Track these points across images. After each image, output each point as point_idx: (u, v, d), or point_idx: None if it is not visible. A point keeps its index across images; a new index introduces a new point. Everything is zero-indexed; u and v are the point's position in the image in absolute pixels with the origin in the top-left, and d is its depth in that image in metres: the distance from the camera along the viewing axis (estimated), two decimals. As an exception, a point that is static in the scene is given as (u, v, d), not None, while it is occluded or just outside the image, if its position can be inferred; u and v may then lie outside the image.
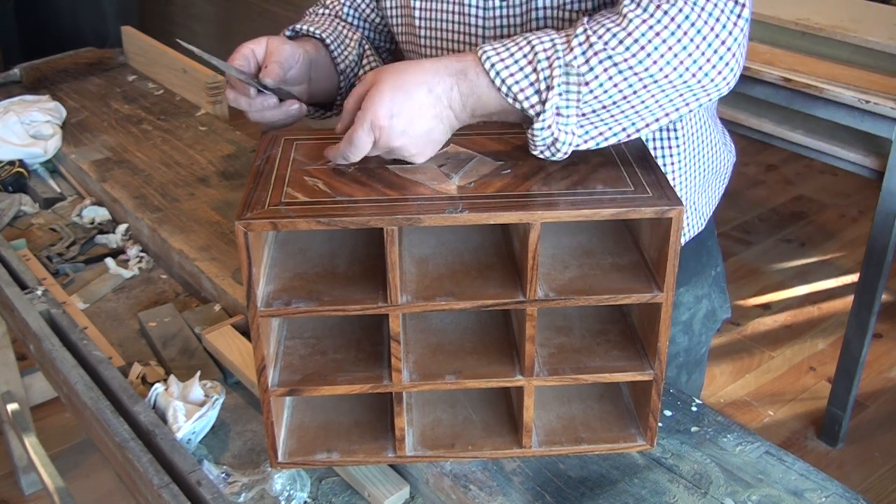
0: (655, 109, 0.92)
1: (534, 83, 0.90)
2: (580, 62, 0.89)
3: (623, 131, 0.93)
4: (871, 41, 2.14)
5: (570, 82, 0.89)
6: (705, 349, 1.37)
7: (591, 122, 0.91)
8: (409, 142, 0.92)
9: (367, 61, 1.26)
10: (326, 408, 1.02)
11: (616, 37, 0.88)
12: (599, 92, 0.89)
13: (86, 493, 2.12)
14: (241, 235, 0.83)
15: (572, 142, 0.92)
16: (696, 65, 0.89)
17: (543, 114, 0.90)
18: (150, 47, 2.13)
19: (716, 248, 1.33)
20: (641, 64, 0.88)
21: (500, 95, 0.91)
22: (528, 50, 0.91)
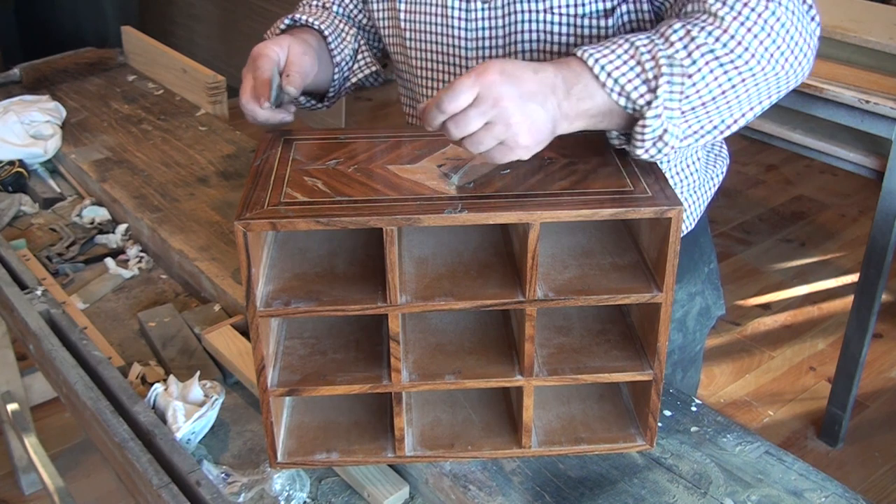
0: (745, 104, 0.96)
1: (640, 74, 0.91)
2: (682, 55, 0.91)
3: (715, 129, 0.95)
4: (871, 41, 2.14)
5: (674, 73, 0.91)
6: (700, 346, 1.37)
7: (688, 119, 0.93)
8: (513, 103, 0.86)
9: (362, 56, 1.28)
10: (326, 408, 1.02)
11: (712, 34, 0.91)
12: (702, 86, 0.91)
13: (86, 493, 2.12)
14: (241, 235, 0.83)
15: (678, 135, 0.93)
16: (783, 56, 0.94)
17: (655, 101, 0.90)
18: (150, 47, 2.13)
19: (709, 245, 1.33)
20: (741, 58, 0.91)
21: (605, 92, 0.92)
22: (628, 46, 0.92)
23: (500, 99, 0.86)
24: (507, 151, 0.88)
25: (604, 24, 1.06)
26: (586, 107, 0.92)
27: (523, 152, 0.89)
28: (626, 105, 0.92)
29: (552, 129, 0.90)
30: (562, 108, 0.91)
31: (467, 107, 0.86)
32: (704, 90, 0.92)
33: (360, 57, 1.28)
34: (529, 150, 0.89)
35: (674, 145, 0.93)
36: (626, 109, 0.93)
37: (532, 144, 0.89)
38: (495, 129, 0.86)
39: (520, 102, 0.87)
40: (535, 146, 0.89)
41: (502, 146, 0.88)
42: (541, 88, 0.90)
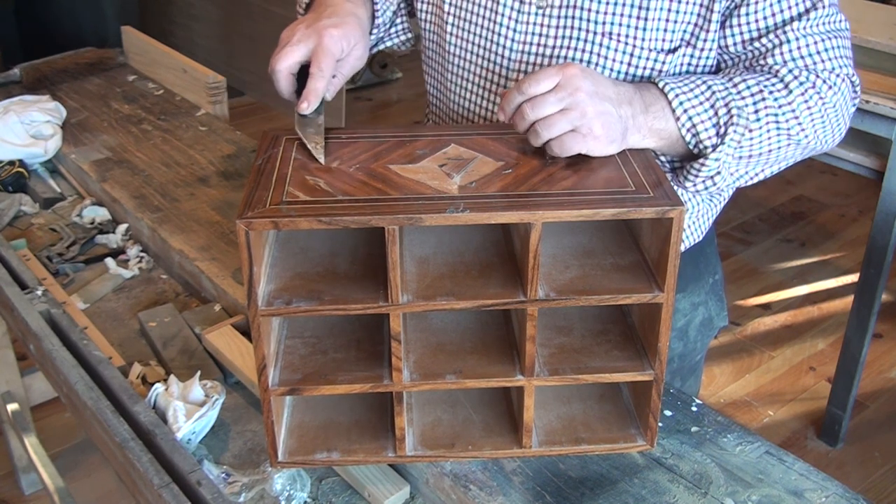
0: (782, 163, 1.08)
1: (712, 118, 1.00)
2: (750, 111, 1.00)
3: (748, 176, 1.07)
4: (871, 41, 2.14)
5: (740, 124, 1.00)
6: (701, 356, 1.36)
7: (737, 166, 1.04)
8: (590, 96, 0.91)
9: (400, 19, 1.25)
10: (326, 407, 1.02)
11: (778, 101, 1.02)
12: (756, 142, 1.02)
13: (86, 493, 2.12)
14: (242, 234, 0.83)
15: (726, 177, 1.03)
16: (826, 136, 1.07)
17: (721, 146, 1.00)
18: (150, 47, 2.13)
19: (715, 256, 1.32)
20: (794, 128, 1.03)
21: (677, 126, 1.00)
22: (705, 88, 1.00)
23: (579, 89, 0.91)
24: (578, 139, 0.91)
25: (662, 59, 1.07)
26: (659, 127, 0.99)
27: (594, 144, 0.92)
28: (691, 142, 1.01)
29: (624, 133, 0.95)
30: (636, 120, 0.97)
31: (546, 92, 0.91)
32: (757, 146, 1.02)
33: (399, 20, 1.26)
34: (600, 144, 0.92)
35: (720, 185, 1.03)
36: (688, 145, 1.01)
37: (603, 137, 0.92)
38: (570, 114, 0.91)
39: (596, 98, 0.92)
40: (607, 142, 0.93)
41: (574, 134, 0.91)
42: (618, 95, 0.95)
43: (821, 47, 1.04)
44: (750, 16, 1.04)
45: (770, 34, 1.04)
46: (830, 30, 1.05)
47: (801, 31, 1.03)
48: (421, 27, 1.23)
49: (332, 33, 1.01)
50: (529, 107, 0.92)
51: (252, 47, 4.05)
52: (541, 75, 0.92)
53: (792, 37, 1.03)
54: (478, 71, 1.16)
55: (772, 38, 1.04)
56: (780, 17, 1.03)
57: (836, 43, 1.05)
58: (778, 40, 1.04)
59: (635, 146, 0.98)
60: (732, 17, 1.05)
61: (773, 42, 1.04)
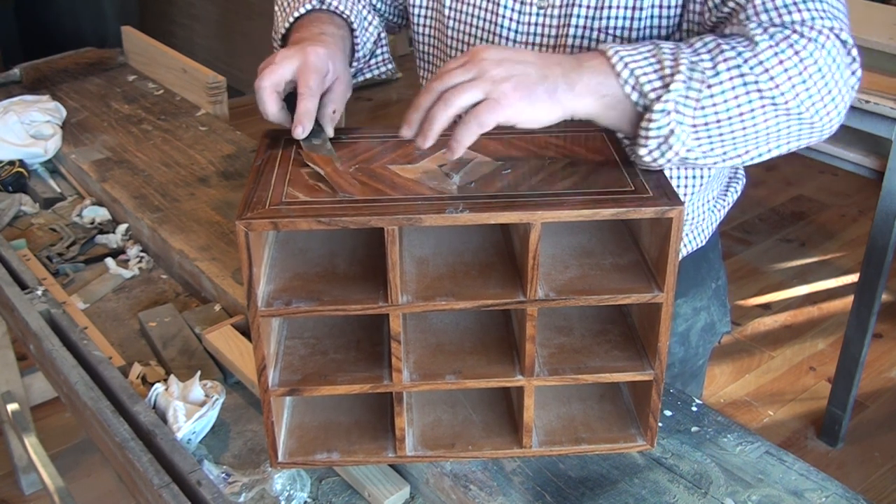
0: (762, 139, 0.92)
1: (657, 70, 0.88)
2: (707, 65, 0.88)
3: (724, 154, 0.92)
4: (871, 41, 2.14)
5: (693, 77, 0.88)
6: (703, 361, 1.35)
7: (700, 137, 0.89)
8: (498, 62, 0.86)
9: (381, 50, 1.23)
10: (326, 408, 1.02)
11: (742, 55, 0.89)
12: (720, 100, 0.88)
13: (86, 492, 2.12)
14: (242, 235, 0.83)
15: (685, 142, 0.89)
16: (811, 100, 0.90)
17: (666, 95, 0.87)
18: (150, 47, 2.13)
19: (718, 262, 1.32)
20: (765, 84, 0.88)
21: (619, 83, 0.89)
22: (652, 46, 0.90)
23: (485, 59, 0.86)
24: (493, 107, 0.85)
25: None
26: (598, 81, 0.89)
27: (512, 111, 0.85)
28: (637, 100, 0.89)
29: (552, 92, 0.87)
30: (568, 77, 0.88)
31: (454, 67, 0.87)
32: (722, 106, 0.88)
33: (380, 51, 1.22)
34: (520, 107, 0.86)
35: (679, 152, 0.89)
36: (637, 106, 0.90)
37: (522, 99, 0.85)
38: (479, 82, 0.86)
39: (506, 62, 0.86)
40: (528, 103, 0.86)
41: (487, 102, 0.85)
42: (539, 58, 0.88)
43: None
44: None
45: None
46: None
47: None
48: (416, 31, 1.23)
49: (317, 51, 0.99)
50: (438, 81, 0.87)
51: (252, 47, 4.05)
52: (450, 61, 0.89)
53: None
54: None
55: None
56: None
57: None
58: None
59: (574, 109, 0.89)
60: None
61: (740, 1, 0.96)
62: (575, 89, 0.88)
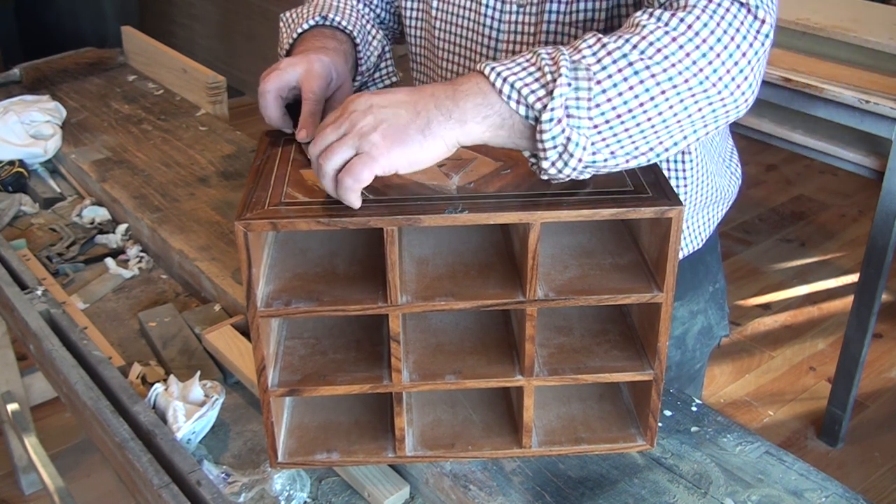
0: (673, 127, 0.85)
1: (539, 79, 0.83)
2: (591, 61, 0.83)
3: (636, 150, 0.85)
4: (871, 41, 2.14)
5: (578, 77, 0.82)
6: (700, 365, 1.35)
7: (604, 136, 0.83)
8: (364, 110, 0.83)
9: (385, 64, 1.24)
10: (326, 408, 1.02)
11: (629, 41, 0.83)
12: (613, 94, 0.82)
13: (86, 492, 2.13)
14: (241, 235, 0.83)
15: (586, 147, 0.83)
16: (715, 74, 0.84)
17: (552, 102, 0.81)
18: (150, 47, 2.13)
19: (716, 265, 1.31)
20: (659, 65, 0.82)
21: (503, 100, 0.83)
22: (531, 55, 0.85)
23: (354, 111, 0.84)
24: (365, 160, 0.81)
25: None
26: (476, 104, 0.84)
27: (385, 160, 0.82)
28: (527, 114, 0.83)
29: (424, 129, 0.83)
30: (442, 107, 0.84)
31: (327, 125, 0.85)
32: (618, 99, 0.82)
33: (384, 64, 1.23)
34: (392, 155, 0.82)
35: (582, 157, 0.83)
36: (527, 119, 0.84)
37: (392, 145, 0.82)
38: (347, 138, 0.83)
39: (374, 109, 0.83)
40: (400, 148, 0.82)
41: (360, 157, 0.82)
42: (410, 96, 0.84)
43: None
44: None
45: None
46: None
47: None
48: (409, 35, 1.24)
49: (321, 59, 1.01)
50: (313, 145, 0.85)
51: (252, 47, 4.05)
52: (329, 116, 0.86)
53: None
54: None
55: None
56: None
57: None
58: None
59: (458, 138, 0.84)
60: None
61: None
62: (452, 118, 0.84)
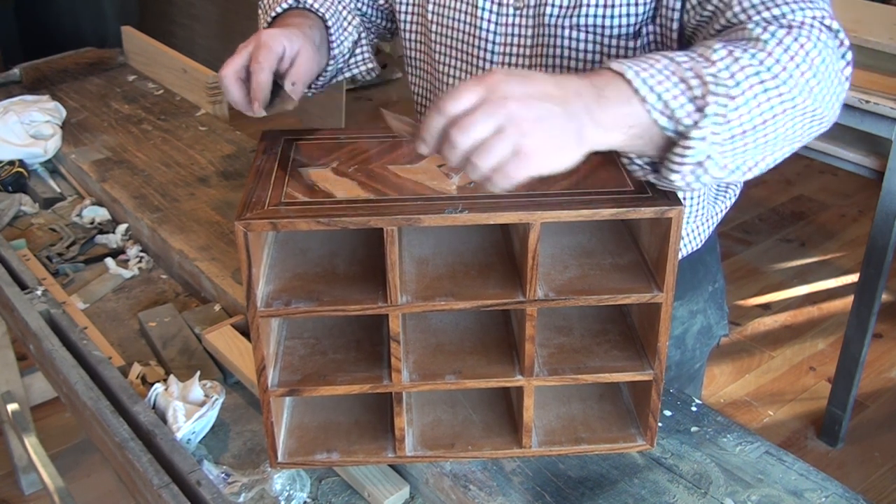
0: (782, 142, 0.87)
1: (685, 92, 0.81)
2: (725, 75, 0.82)
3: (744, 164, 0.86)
4: (871, 41, 2.14)
5: (719, 93, 0.81)
6: (700, 365, 1.35)
7: (725, 150, 0.83)
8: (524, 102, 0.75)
9: (360, 50, 1.23)
10: (326, 408, 1.02)
11: (756, 57, 0.84)
12: (744, 111, 0.82)
13: (86, 492, 2.12)
14: (241, 235, 0.83)
15: (719, 163, 0.83)
16: (821, 93, 0.87)
17: (703, 121, 0.80)
18: (150, 47, 2.13)
19: (715, 265, 1.31)
20: (785, 84, 0.84)
21: (646, 108, 0.80)
22: (668, 62, 0.83)
23: (508, 97, 0.75)
24: (522, 163, 0.75)
25: (630, 45, 1.05)
26: (622, 113, 0.80)
27: (543, 163, 0.76)
28: (668, 126, 0.82)
29: (579, 133, 0.78)
30: (592, 113, 0.78)
31: (471, 109, 0.75)
32: (746, 116, 0.82)
33: (359, 51, 1.23)
34: (550, 161, 0.76)
35: (714, 174, 0.84)
36: (664, 131, 0.82)
37: (552, 152, 0.76)
38: (506, 133, 0.74)
39: (531, 101, 0.75)
40: (558, 157, 0.77)
41: (517, 157, 0.75)
42: (559, 90, 0.78)
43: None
44: None
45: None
46: None
47: None
48: (404, 37, 1.24)
49: (269, 32, 1.01)
50: (457, 131, 0.75)
51: (252, 47, 4.05)
52: (461, 90, 0.76)
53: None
54: (464, 76, 1.17)
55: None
56: None
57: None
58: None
59: (599, 145, 0.80)
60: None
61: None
62: (600, 126, 0.79)
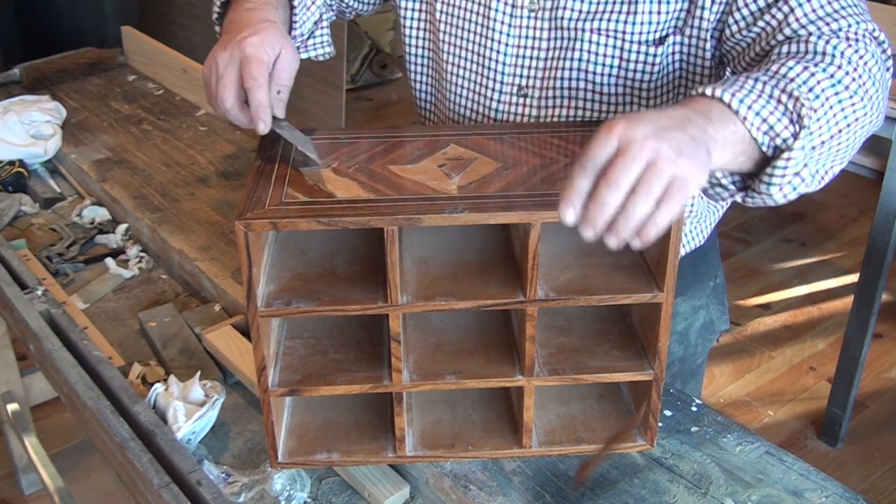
0: (845, 151, 0.93)
1: (778, 107, 0.85)
2: (804, 90, 0.87)
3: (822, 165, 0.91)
4: (871, 41, 2.14)
5: (806, 106, 0.86)
6: (702, 360, 1.36)
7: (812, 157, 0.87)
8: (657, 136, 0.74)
9: (320, 32, 1.19)
10: (326, 408, 1.02)
11: (827, 71, 0.89)
12: (823, 122, 0.87)
13: (86, 493, 2.12)
14: (242, 235, 0.83)
15: (812, 171, 0.87)
16: (879, 103, 0.93)
17: (805, 132, 0.85)
18: (150, 47, 2.13)
19: (716, 260, 1.32)
20: (857, 95, 0.89)
21: (745, 127, 0.84)
22: (753, 82, 0.87)
23: (645, 138, 0.74)
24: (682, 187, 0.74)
25: (652, 51, 1.05)
26: (730, 131, 0.84)
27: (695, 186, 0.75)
28: (765, 141, 0.85)
29: (707, 154, 0.79)
30: (707, 133, 0.81)
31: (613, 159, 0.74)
32: (825, 126, 0.87)
33: (319, 33, 1.18)
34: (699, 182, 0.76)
35: (808, 183, 0.87)
36: (761, 146, 0.85)
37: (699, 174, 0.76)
38: (658, 166, 0.73)
39: (664, 133, 0.75)
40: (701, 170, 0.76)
41: (673, 184, 0.74)
42: (672, 121, 0.79)
43: (829, 9, 0.95)
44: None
45: (772, 8, 0.97)
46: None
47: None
48: (406, 34, 1.22)
49: (251, 41, 0.95)
50: (606, 187, 0.73)
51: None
52: (593, 147, 0.75)
53: (795, 4, 0.95)
54: (474, 77, 1.16)
55: (775, 12, 0.97)
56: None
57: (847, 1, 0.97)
58: (782, 13, 0.96)
59: (716, 163, 0.83)
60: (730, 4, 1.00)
61: (780, 15, 0.96)
62: (718, 143, 0.82)
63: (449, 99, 1.19)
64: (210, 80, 0.97)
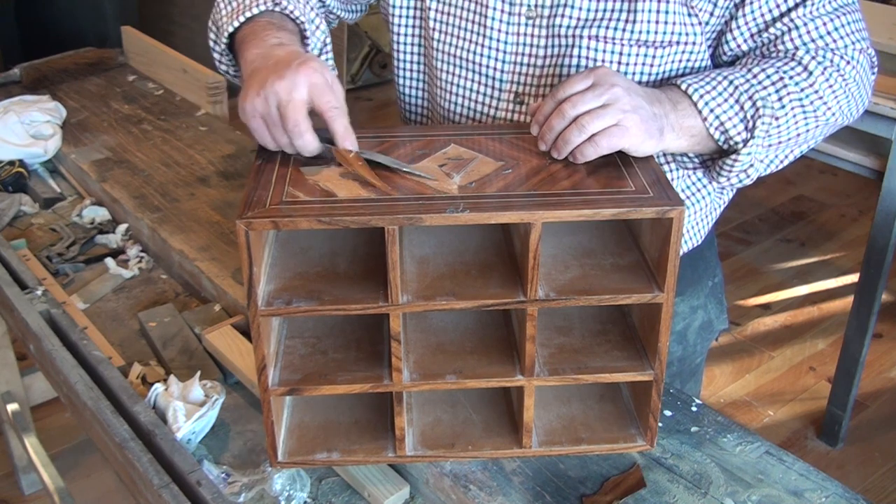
0: (810, 142, 1.09)
1: (738, 113, 1.01)
2: (774, 99, 1.01)
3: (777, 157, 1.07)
4: (871, 41, 2.14)
5: (765, 115, 1.01)
6: (701, 359, 1.36)
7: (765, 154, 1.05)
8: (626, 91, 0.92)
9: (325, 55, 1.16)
10: (326, 407, 1.02)
11: (799, 85, 1.03)
12: (784, 129, 1.03)
13: (86, 493, 2.12)
14: (242, 234, 0.83)
15: (759, 168, 1.05)
16: (850, 111, 1.09)
17: (753, 140, 1.01)
18: (150, 47, 2.13)
19: (714, 259, 1.32)
20: (819, 109, 1.04)
21: (705, 125, 1.01)
22: (727, 84, 1.01)
23: (615, 85, 0.92)
24: (623, 133, 0.90)
25: (651, 52, 1.06)
26: (689, 125, 1.00)
27: (635, 139, 0.91)
28: (720, 139, 1.02)
29: (661, 131, 0.95)
30: (669, 118, 0.98)
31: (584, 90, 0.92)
32: (784, 132, 1.03)
33: (324, 57, 1.14)
34: (640, 139, 0.92)
35: (752, 175, 1.06)
36: (718, 141, 1.03)
37: (643, 132, 0.92)
38: (612, 107, 0.90)
39: (632, 93, 0.93)
40: (646, 137, 0.92)
41: (617, 128, 0.90)
42: (647, 94, 0.96)
43: (830, 27, 1.04)
44: (755, 11, 1.05)
45: (776, 23, 1.05)
46: (837, 7, 1.05)
47: (807, 16, 1.04)
48: (396, 39, 1.20)
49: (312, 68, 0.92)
50: (569, 105, 0.91)
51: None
52: (572, 80, 0.93)
53: (799, 23, 1.04)
54: (470, 84, 1.15)
55: (779, 26, 1.05)
56: (785, 5, 1.04)
57: (846, 20, 1.05)
58: (785, 27, 1.05)
59: (671, 145, 1.00)
60: (735, 17, 1.05)
61: (781, 30, 1.05)
62: (675, 130, 0.99)
63: (441, 105, 1.19)
64: (268, 112, 0.92)
